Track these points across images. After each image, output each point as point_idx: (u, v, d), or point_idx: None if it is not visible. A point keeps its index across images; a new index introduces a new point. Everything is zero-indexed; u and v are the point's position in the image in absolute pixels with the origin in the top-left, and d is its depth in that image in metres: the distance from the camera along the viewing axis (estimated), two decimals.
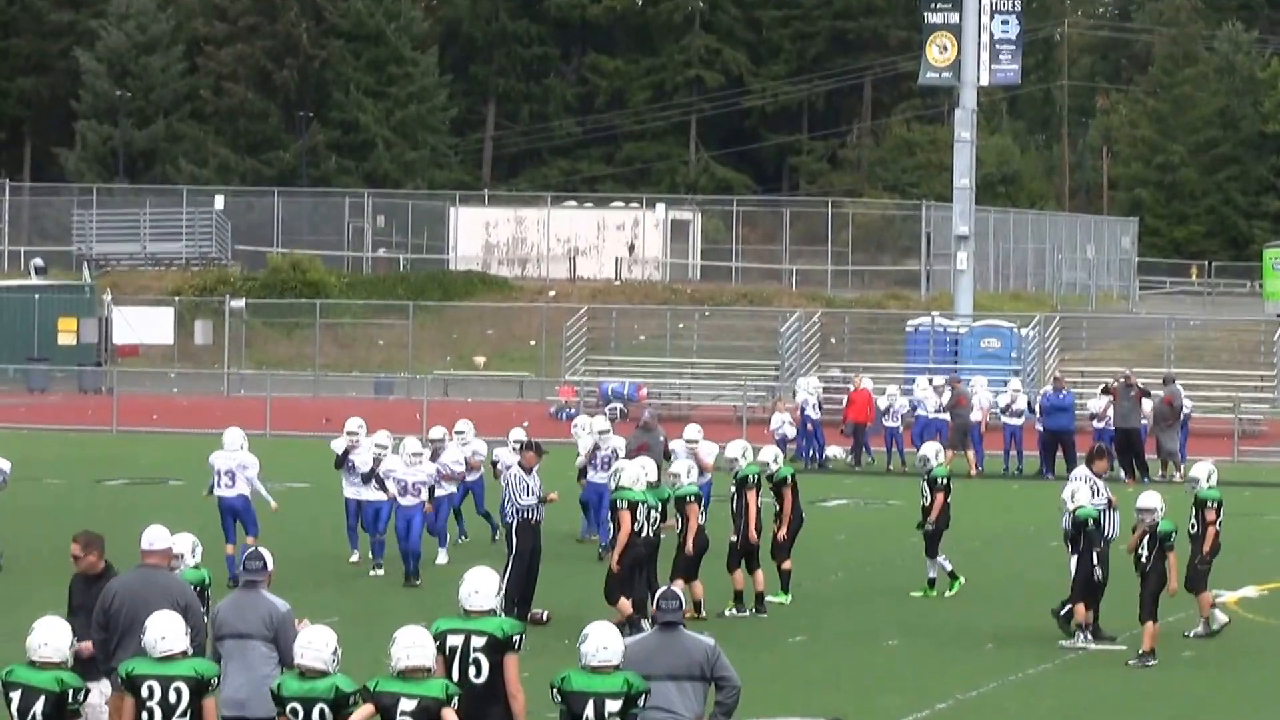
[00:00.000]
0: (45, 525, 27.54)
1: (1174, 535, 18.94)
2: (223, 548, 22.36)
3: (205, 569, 14.05)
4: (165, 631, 10.97)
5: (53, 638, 10.76)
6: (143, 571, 12.99)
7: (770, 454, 22.04)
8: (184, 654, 10.99)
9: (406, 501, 22.88)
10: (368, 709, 10.57)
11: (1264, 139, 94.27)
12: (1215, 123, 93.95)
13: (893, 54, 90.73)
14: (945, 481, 22.50)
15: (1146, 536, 18.89)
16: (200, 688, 10.84)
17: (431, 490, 23.34)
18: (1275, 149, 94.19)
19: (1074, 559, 19.34)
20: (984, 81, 53.71)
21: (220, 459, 22.93)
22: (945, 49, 52.97)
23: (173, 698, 10.79)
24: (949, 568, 22.59)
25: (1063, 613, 19.72)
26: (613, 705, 10.71)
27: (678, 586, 19.75)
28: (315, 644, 10.84)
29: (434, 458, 24.37)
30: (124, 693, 11.17)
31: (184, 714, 10.83)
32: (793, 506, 21.70)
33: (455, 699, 10.63)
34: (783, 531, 21.67)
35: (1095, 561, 19.21)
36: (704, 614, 20.26)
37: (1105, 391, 36.95)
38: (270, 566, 12.93)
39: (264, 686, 11.68)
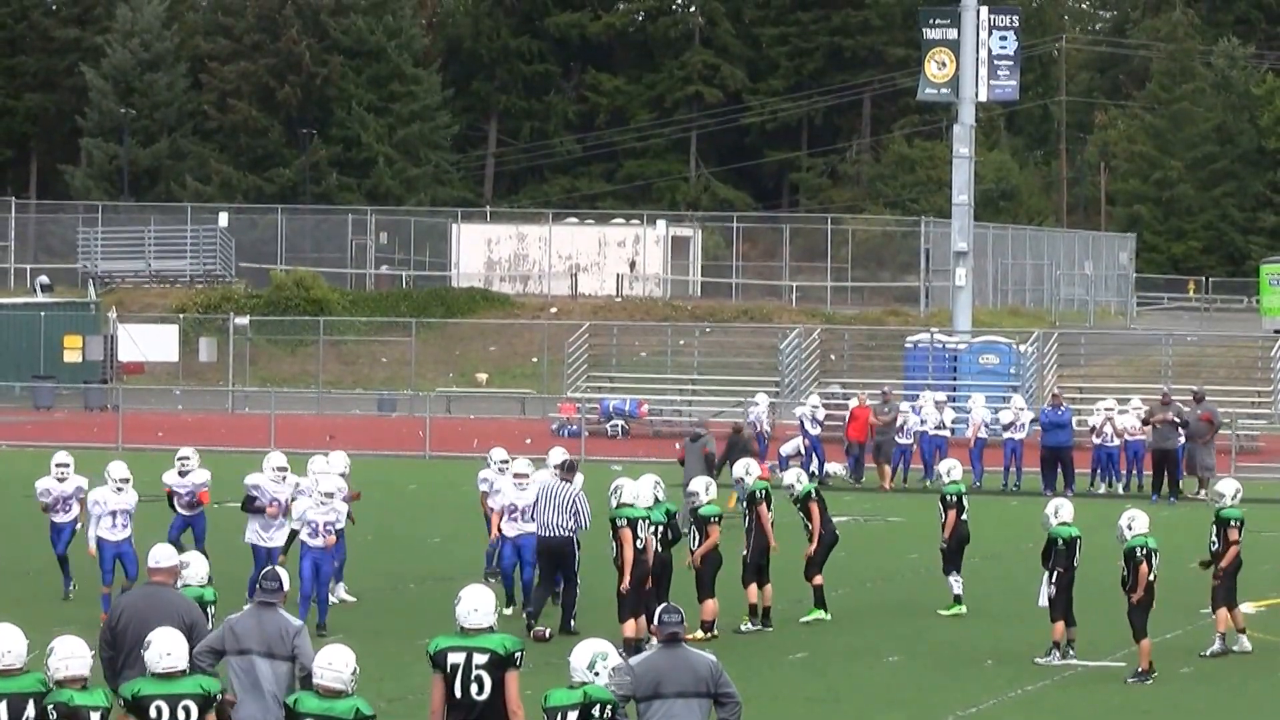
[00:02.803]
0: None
1: (1154, 553, 19.04)
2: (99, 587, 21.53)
3: (211, 588, 14.08)
4: (170, 648, 10.97)
5: (78, 652, 10.89)
6: (149, 589, 13.13)
7: (793, 475, 22.30)
8: (183, 672, 10.98)
9: (316, 543, 20.93)
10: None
11: (1261, 154, 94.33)
12: (1212, 138, 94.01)
13: (891, 70, 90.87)
14: (957, 498, 22.44)
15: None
16: (207, 703, 10.86)
17: (339, 533, 21.39)
18: (1272, 164, 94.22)
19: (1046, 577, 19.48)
20: (982, 97, 53.89)
21: (111, 498, 21.57)
22: (944, 65, 53.15)
23: (181, 715, 10.80)
24: (958, 590, 22.65)
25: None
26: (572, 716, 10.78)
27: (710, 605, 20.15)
28: (335, 664, 10.86)
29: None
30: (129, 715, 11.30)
31: None
32: (823, 522, 21.77)
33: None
34: (811, 548, 21.74)
35: (1051, 580, 19.35)
36: (714, 633, 20.45)
37: (1146, 422, 36.79)
38: (286, 586, 12.95)
39: (276, 705, 11.76)
